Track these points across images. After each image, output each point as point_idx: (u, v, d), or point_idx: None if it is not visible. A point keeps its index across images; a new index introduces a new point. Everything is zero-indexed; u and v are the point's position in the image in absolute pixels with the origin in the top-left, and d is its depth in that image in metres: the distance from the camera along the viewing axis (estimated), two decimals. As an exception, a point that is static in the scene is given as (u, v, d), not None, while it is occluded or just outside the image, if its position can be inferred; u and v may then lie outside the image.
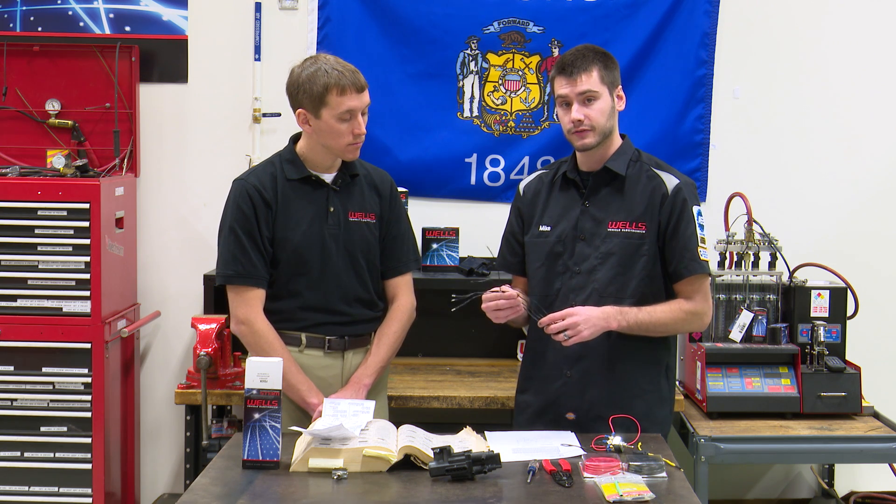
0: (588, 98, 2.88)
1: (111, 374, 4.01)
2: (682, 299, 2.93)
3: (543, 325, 2.79)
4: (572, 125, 2.89)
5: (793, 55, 4.34)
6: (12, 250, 3.89)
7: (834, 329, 3.75)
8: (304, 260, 3.05)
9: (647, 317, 2.86)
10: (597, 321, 2.80)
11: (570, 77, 2.89)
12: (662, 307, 2.91)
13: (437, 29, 4.30)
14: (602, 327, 2.82)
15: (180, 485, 4.33)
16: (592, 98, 2.88)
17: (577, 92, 2.88)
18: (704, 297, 2.95)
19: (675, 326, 2.96)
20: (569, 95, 2.90)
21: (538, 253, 3.02)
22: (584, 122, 2.88)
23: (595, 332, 2.81)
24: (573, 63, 2.89)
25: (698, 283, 2.93)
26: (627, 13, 4.27)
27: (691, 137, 4.34)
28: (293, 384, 2.99)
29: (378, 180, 3.19)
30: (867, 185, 4.38)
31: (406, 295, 3.23)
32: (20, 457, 3.94)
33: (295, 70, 3.01)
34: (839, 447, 3.55)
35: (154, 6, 4.31)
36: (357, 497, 2.38)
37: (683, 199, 2.92)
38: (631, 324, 2.85)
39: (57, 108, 4.26)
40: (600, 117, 2.89)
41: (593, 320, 2.79)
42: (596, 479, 2.45)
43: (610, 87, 2.92)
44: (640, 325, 2.86)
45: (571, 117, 2.89)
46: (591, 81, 2.88)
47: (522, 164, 4.35)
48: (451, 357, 4.23)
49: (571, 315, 2.78)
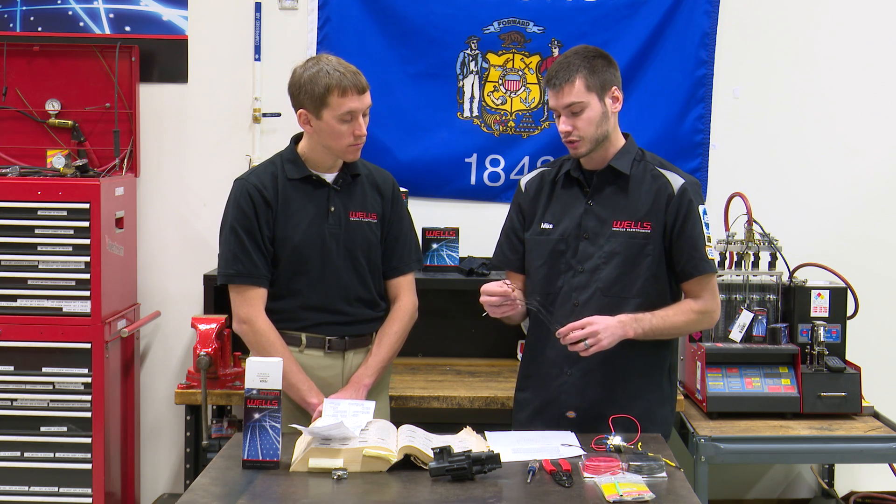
0: (574, 110, 2.87)
1: (111, 374, 4.01)
2: (690, 299, 2.94)
3: (561, 335, 2.77)
4: (563, 136, 2.91)
5: (793, 55, 4.34)
6: (12, 250, 3.89)
7: (834, 329, 3.75)
8: (304, 259, 3.05)
9: (660, 322, 2.87)
10: (615, 330, 2.79)
11: (554, 89, 2.89)
12: (674, 310, 2.91)
13: (437, 29, 4.30)
14: (620, 336, 2.80)
15: (180, 485, 4.33)
16: (579, 109, 2.87)
17: (562, 105, 2.88)
18: (713, 295, 2.96)
19: (688, 327, 2.98)
20: (556, 108, 2.91)
21: (540, 251, 3.01)
22: (573, 134, 2.88)
23: (614, 341, 2.80)
24: (556, 75, 2.88)
25: (707, 282, 2.94)
26: (627, 13, 4.27)
27: (691, 137, 4.34)
28: (293, 384, 2.99)
29: (380, 180, 3.19)
30: (867, 184, 4.38)
31: (408, 295, 3.23)
32: (20, 457, 3.94)
33: (297, 70, 3.01)
34: (839, 447, 3.55)
35: (154, 6, 4.31)
36: (357, 497, 2.38)
37: (690, 199, 2.92)
38: (647, 330, 2.85)
39: (57, 108, 4.26)
40: (588, 127, 2.88)
41: (612, 329, 2.78)
42: (596, 479, 2.45)
43: (599, 92, 2.88)
44: (655, 330, 2.87)
45: (560, 129, 2.91)
46: (575, 92, 2.86)
47: (522, 164, 4.35)
48: (451, 357, 4.24)
49: (591, 324, 2.77)
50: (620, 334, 2.80)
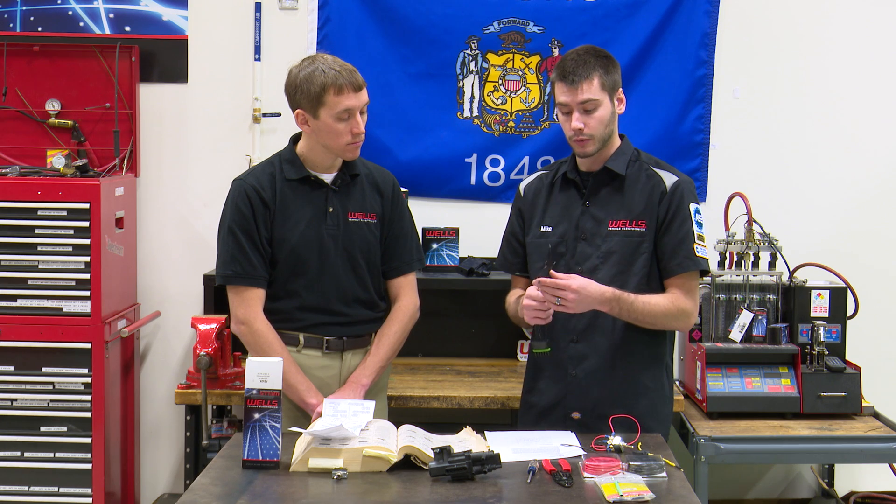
0: (588, 107, 2.87)
1: (111, 374, 4.01)
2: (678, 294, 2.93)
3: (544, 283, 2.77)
4: (573, 133, 2.90)
5: (793, 55, 4.34)
6: (12, 250, 3.89)
7: (834, 329, 3.75)
8: (301, 260, 3.05)
9: (641, 307, 2.86)
10: (589, 302, 2.80)
11: (571, 85, 2.87)
12: (659, 299, 2.90)
13: (437, 29, 4.30)
14: (593, 307, 2.83)
15: (180, 485, 4.33)
16: (593, 107, 2.87)
17: (577, 101, 2.87)
18: (693, 296, 2.94)
19: (665, 320, 2.92)
20: (569, 104, 2.89)
21: (540, 253, 3.01)
22: (584, 132, 2.88)
23: (584, 310, 2.83)
24: (574, 71, 2.87)
25: (689, 280, 2.93)
26: (627, 13, 4.27)
27: (691, 137, 4.34)
28: (292, 384, 2.99)
29: (380, 180, 3.19)
30: (867, 184, 4.38)
31: (409, 295, 3.22)
32: (20, 457, 3.94)
33: (293, 71, 3.01)
34: (839, 447, 3.55)
35: (154, 6, 4.31)
36: (357, 497, 2.38)
37: (681, 196, 2.92)
38: (624, 311, 2.85)
39: (57, 108, 4.26)
40: (600, 126, 2.89)
41: (587, 301, 2.79)
42: (596, 479, 2.45)
43: (610, 93, 2.90)
44: (633, 314, 2.86)
45: (572, 126, 2.89)
46: (592, 90, 2.86)
47: (522, 164, 4.35)
48: (451, 357, 4.23)
49: (568, 288, 2.77)
50: (595, 307, 2.82)
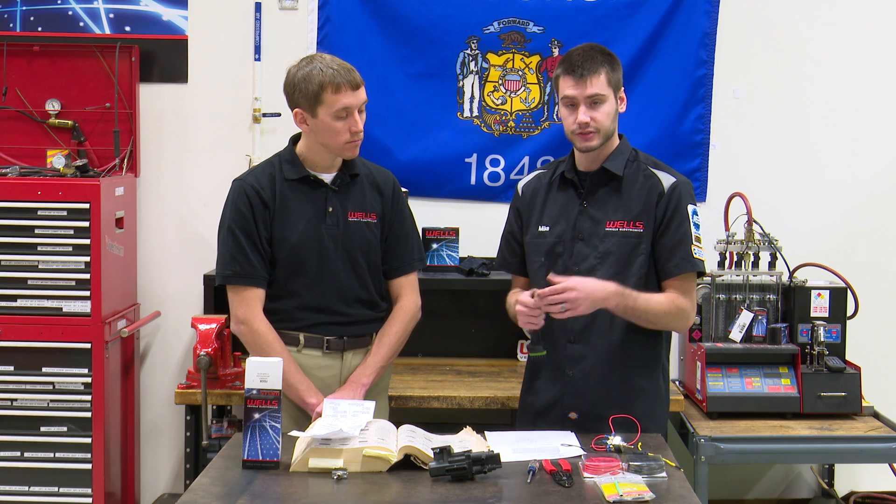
0: (595, 101, 2.88)
1: (111, 374, 4.01)
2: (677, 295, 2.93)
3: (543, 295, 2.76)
4: (577, 127, 2.89)
5: (793, 55, 4.34)
6: (12, 250, 3.89)
7: (834, 329, 3.75)
8: (301, 260, 3.05)
9: (644, 304, 2.86)
10: (596, 301, 2.79)
11: (579, 79, 2.87)
12: (660, 298, 2.90)
13: (436, 29, 4.30)
14: (600, 305, 2.81)
15: (180, 485, 4.33)
16: (600, 101, 2.88)
17: (585, 95, 2.87)
18: (691, 297, 2.95)
19: (664, 320, 2.93)
20: (576, 98, 2.88)
21: (538, 253, 3.02)
22: (591, 125, 2.88)
23: (592, 309, 2.81)
24: (582, 65, 2.87)
25: (687, 282, 2.93)
26: (627, 13, 4.27)
27: (691, 137, 4.34)
28: (292, 384, 2.99)
29: (380, 179, 3.19)
30: (867, 184, 4.38)
31: (410, 295, 3.22)
32: (20, 457, 3.94)
33: (291, 70, 3.01)
34: (839, 447, 3.55)
35: (154, 6, 4.31)
36: (357, 497, 2.38)
37: (679, 197, 2.92)
38: (628, 308, 2.84)
39: (57, 108, 4.26)
40: (606, 120, 2.89)
41: (593, 298, 2.78)
42: (596, 479, 2.45)
43: (615, 90, 2.92)
44: (636, 311, 2.86)
45: (578, 119, 2.88)
46: (600, 84, 2.87)
47: (522, 164, 4.35)
48: (451, 357, 4.23)
49: (572, 290, 2.76)
50: (601, 305, 2.81)
